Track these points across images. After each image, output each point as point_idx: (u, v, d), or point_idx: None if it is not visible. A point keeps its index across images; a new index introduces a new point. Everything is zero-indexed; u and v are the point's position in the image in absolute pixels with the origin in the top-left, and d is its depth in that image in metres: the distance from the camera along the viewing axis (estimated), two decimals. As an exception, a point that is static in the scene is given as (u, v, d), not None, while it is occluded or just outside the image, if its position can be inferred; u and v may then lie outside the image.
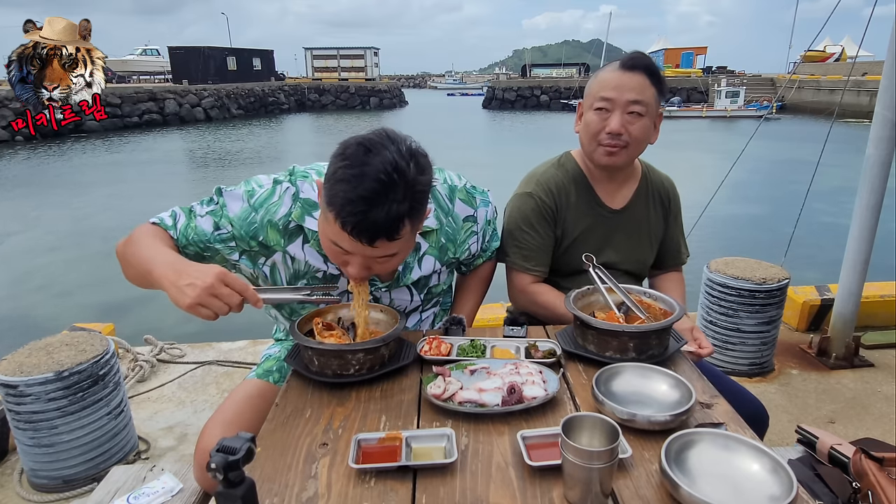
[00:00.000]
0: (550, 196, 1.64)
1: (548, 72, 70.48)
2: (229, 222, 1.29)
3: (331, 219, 1.09)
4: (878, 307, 3.54)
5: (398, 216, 1.06)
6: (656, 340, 1.27)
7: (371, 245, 1.09)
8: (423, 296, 1.49)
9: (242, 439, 0.74)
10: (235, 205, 1.30)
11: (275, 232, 1.30)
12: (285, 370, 1.49)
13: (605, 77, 1.53)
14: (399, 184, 1.05)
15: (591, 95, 1.56)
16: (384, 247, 1.11)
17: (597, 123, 1.54)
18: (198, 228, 1.29)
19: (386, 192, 1.04)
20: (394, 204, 1.05)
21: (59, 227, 10.29)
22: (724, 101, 34.40)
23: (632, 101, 1.49)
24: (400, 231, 1.09)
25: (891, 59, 2.76)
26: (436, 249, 1.43)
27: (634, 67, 1.50)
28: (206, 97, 34.10)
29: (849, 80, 20.55)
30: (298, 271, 1.36)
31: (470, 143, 22.16)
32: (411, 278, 1.42)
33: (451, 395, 1.10)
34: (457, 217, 1.45)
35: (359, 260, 1.16)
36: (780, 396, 2.91)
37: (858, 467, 1.70)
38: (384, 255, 1.14)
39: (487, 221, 1.54)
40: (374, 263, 1.18)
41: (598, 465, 0.83)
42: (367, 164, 1.05)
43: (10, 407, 2.16)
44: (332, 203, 1.07)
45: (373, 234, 1.07)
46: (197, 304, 1.05)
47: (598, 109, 1.53)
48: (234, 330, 3.98)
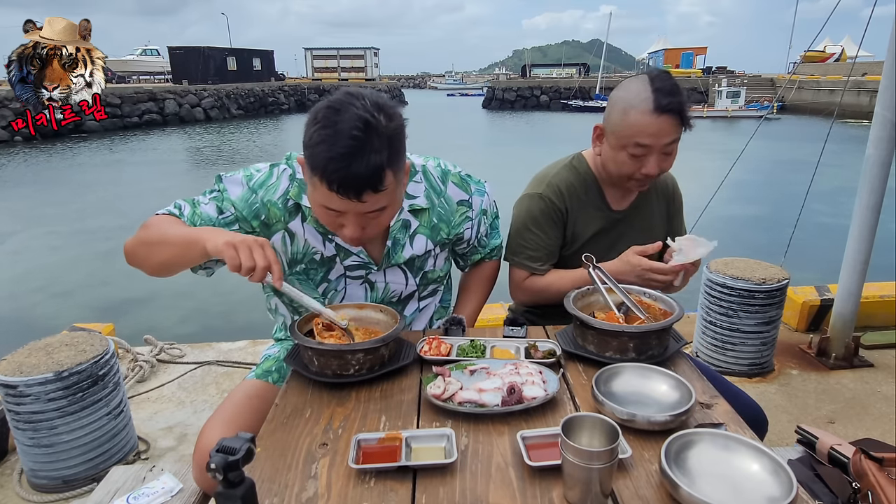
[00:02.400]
0: (561, 198, 1.63)
1: (548, 72, 70.52)
2: (231, 205, 1.33)
3: (317, 183, 1.14)
4: (878, 307, 3.54)
5: (378, 166, 1.11)
6: (656, 340, 1.27)
7: (360, 200, 1.14)
8: (418, 280, 1.49)
9: (242, 439, 0.74)
10: (236, 189, 1.34)
11: (276, 209, 1.34)
12: (284, 370, 1.49)
13: (639, 121, 1.43)
14: (373, 135, 1.11)
15: (622, 136, 1.47)
16: (372, 200, 1.15)
17: (631, 165, 1.50)
18: (203, 215, 1.32)
19: (362, 145, 1.10)
20: (372, 155, 1.10)
21: (60, 227, 10.28)
22: (725, 101, 34.45)
23: (668, 143, 1.46)
24: (384, 181, 1.14)
25: (891, 59, 2.76)
26: (427, 229, 1.45)
27: (669, 111, 1.42)
28: (206, 97, 34.10)
29: (849, 80, 20.54)
30: (297, 254, 1.39)
31: (469, 144, 22.17)
32: (403, 256, 1.43)
33: (451, 396, 1.10)
34: (449, 199, 1.47)
35: (352, 219, 1.20)
36: (779, 397, 2.91)
37: (858, 467, 1.70)
38: (374, 209, 1.19)
39: (483, 211, 1.54)
40: (366, 221, 1.22)
41: (597, 465, 0.83)
42: (339, 122, 1.10)
43: (9, 407, 2.16)
44: (314, 167, 1.13)
45: (359, 188, 1.12)
46: (232, 245, 1.10)
47: (634, 156, 1.48)
48: (233, 330, 3.98)
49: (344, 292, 1.45)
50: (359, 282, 1.45)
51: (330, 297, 1.45)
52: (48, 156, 19.94)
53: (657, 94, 1.42)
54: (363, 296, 1.46)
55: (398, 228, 1.41)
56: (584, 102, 43.72)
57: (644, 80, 1.46)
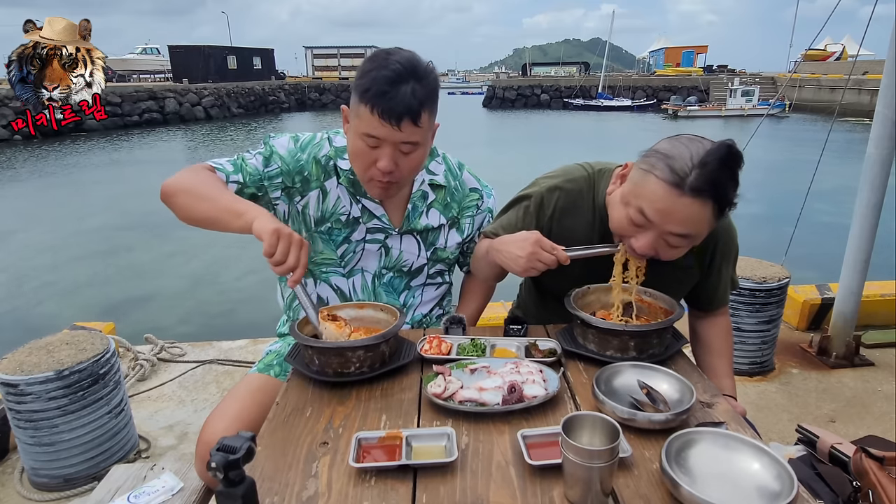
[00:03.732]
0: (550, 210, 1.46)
1: (548, 70, 70.50)
2: (280, 158, 1.45)
3: (363, 111, 1.26)
4: (879, 306, 3.54)
5: (419, 97, 1.25)
6: (657, 340, 1.27)
7: (398, 126, 1.25)
8: (429, 254, 1.56)
9: (243, 438, 0.74)
10: (284, 145, 1.47)
11: (318, 167, 1.46)
12: (286, 365, 1.50)
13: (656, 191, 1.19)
14: (417, 70, 1.26)
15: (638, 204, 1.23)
16: (409, 131, 1.27)
17: (627, 230, 1.28)
18: (250, 168, 1.43)
19: (407, 75, 1.24)
20: (415, 84, 1.25)
21: (60, 226, 10.29)
22: (739, 99, 34.58)
23: (681, 234, 1.22)
24: (421, 115, 1.26)
25: (891, 57, 2.76)
26: (441, 205, 1.56)
27: (699, 192, 1.15)
28: (207, 96, 34.08)
29: (849, 78, 20.50)
30: (326, 212, 1.48)
31: (469, 142, 22.17)
32: (420, 223, 1.53)
33: (452, 394, 1.10)
34: (464, 184, 1.60)
35: (388, 151, 1.30)
36: (780, 395, 2.91)
37: (859, 466, 1.70)
38: (409, 141, 1.29)
39: (490, 209, 1.64)
40: (399, 157, 1.32)
41: (598, 464, 0.83)
42: (389, 57, 1.27)
43: (10, 406, 2.16)
44: (364, 91, 1.25)
45: (400, 113, 1.24)
46: (277, 233, 1.15)
47: (635, 224, 1.26)
48: (234, 329, 3.98)
49: (361, 254, 1.52)
50: (376, 246, 1.52)
51: (347, 259, 1.52)
52: (48, 155, 19.95)
53: (701, 169, 1.14)
54: (377, 261, 1.53)
55: (418, 197, 1.52)
56: (586, 101, 43.72)
57: (701, 148, 1.16)
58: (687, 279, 1.49)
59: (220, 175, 1.39)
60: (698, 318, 1.62)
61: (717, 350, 1.56)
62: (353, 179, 1.45)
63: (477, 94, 69.32)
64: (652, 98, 43.75)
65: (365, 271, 1.54)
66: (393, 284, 1.56)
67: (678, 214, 1.17)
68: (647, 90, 45.88)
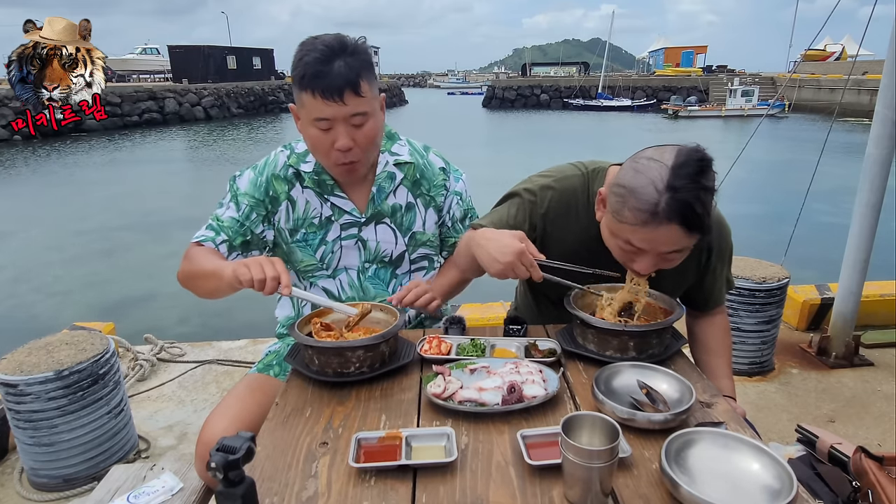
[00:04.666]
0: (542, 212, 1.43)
1: (547, 70, 70.51)
2: (245, 195, 1.49)
3: (306, 99, 1.31)
4: (878, 306, 3.54)
5: (352, 68, 1.29)
6: (656, 340, 1.27)
7: (342, 100, 1.28)
8: (406, 239, 1.56)
9: (242, 438, 0.74)
10: (245, 179, 1.51)
11: (279, 182, 1.50)
12: (286, 365, 1.50)
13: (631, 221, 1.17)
14: (345, 45, 1.31)
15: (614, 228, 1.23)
16: (354, 102, 1.30)
17: (622, 257, 1.27)
18: (227, 222, 1.47)
19: (337, 52, 1.29)
20: (346, 58, 1.29)
21: (60, 226, 10.29)
22: (739, 100, 34.61)
23: (669, 252, 1.21)
24: (360, 86, 1.30)
25: (891, 57, 2.76)
26: (409, 181, 1.56)
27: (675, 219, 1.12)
28: (206, 96, 34.06)
29: (849, 78, 20.52)
30: (298, 220, 1.51)
31: (469, 143, 22.16)
32: (387, 204, 1.53)
33: (452, 394, 1.10)
34: (431, 163, 1.61)
35: (341, 128, 1.33)
36: (780, 396, 2.91)
37: (858, 466, 1.70)
38: (357, 112, 1.32)
39: (457, 193, 1.63)
40: (354, 131, 1.34)
41: (598, 464, 0.83)
42: (315, 41, 1.32)
43: (10, 406, 2.16)
44: (301, 79, 1.30)
45: (340, 87, 1.28)
46: (243, 264, 1.22)
47: (625, 251, 1.24)
48: (234, 329, 3.98)
49: (340, 253, 1.53)
50: (352, 241, 1.53)
51: (328, 260, 1.53)
52: (48, 155, 19.95)
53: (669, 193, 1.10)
54: (357, 257, 1.54)
55: (384, 178, 1.52)
56: (586, 101, 43.72)
57: (662, 168, 1.12)
58: (682, 280, 1.48)
59: (208, 245, 1.45)
60: (695, 319, 1.61)
61: (715, 350, 1.55)
62: (317, 179, 1.49)
63: (476, 95, 69.33)
64: (652, 98, 43.77)
65: (348, 269, 1.55)
66: (379, 276, 1.56)
67: (663, 239, 1.16)
68: (646, 90, 45.90)
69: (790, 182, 11.90)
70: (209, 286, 1.39)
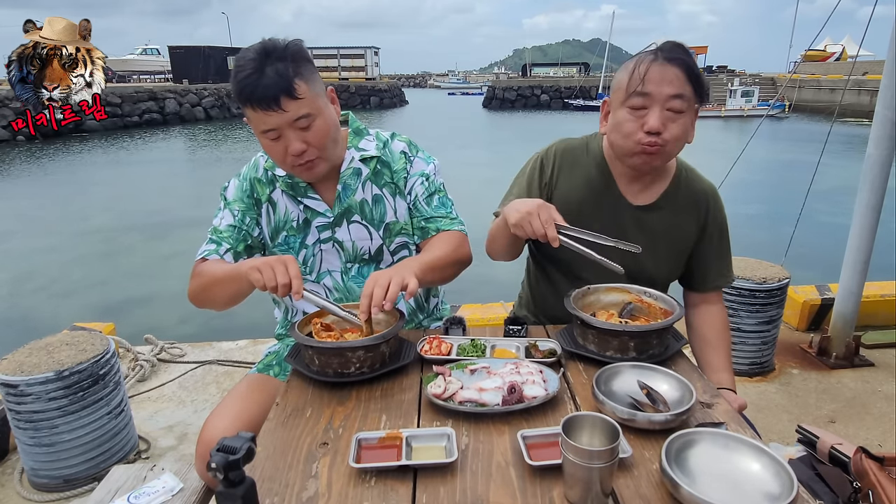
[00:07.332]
0: (551, 164, 1.55)
1: (548, 71, 70.51)
2: (235, 201, 1.52)
3: (249, 114, 1.31)
4: (879, 306, 3.54)
5: (285, 72, 1.27)
6: (656, 340, 1.27)
7: (279, 107, 1.27)
8: (381, 232, 1.54)
9: (243, 439, 0.74)
10: (231, 188, 1.54)
11: (260, 185, 1.53)
12: (286, 365, 1.50)
13: (640, 69, 1.32)
14: (273, 51, 1.29)
15: (621, 90, 1.36)
16: (294, 106, 1.29)
17: (632, 122, 1.35)
18: (225, 231, 1.50)
19: (263, 60, 1.27)
20: (277, 63, 1.27)
21: (60, 226, 10.29)
22: (739, 100, 34.58)
23: (672, 95, 1.31)
24: (295, 88, 1.28)
25: (891, 58, 2.76)
26: (373, 174, 1.55)
27: (673, 60, 1.31)
28: (207, 97, 34.09)
29: (849, 79, 20.49)
30: (279, 222, 1.52)
31: (469, 143, 22.16)
32: (354, 199, 1.52)
33: (452, 395, 1.10)
34: (392, 150, 1.58)
35: (289, 134, 1.32)
36: (780, 396, 2.91)
37: (859, 467, 1.70)
38: (300, 116, 1.30)
39: (424, 174, 1.56)
40: (303, 135, 1.33)
41: (598, 464, 0.83)
42: (245, 55, 1.31)
43: (10, 406, 2.16)
44: (238, 97, 1.30)
45: (274, 95, 1.26)
46: (256, 268, 1.22)
47: (634, 108, 1.34)
48: (234, 329, 3.98)
49: (321, 255, 1.54)
50: (330, 244, 1.53)
51: (310, 263, 1.54)
52: (48, 156, 19.95)
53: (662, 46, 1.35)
54: (338, 259, 1.54)
55: (349, 175, 1.51)
56: (586, 102, 43.71)
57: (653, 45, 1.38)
58: (684, 241, 1.55)
59: (212, 258, 1.46)
60: (694, 307, 1.62)
61: (714, 342, 1.56)
62: (290, 182, 1.50)
63: (477, 95, 69.33)
64: (652, 98, 43.67)
65: (332, 271, 1.54)
66: (362, 274, 1.54)
67: (667, 75, 1.31)
68: (647, 91, 45.79)
69: (790, 182, 11.89)
70: (229, 291, 1.38)
